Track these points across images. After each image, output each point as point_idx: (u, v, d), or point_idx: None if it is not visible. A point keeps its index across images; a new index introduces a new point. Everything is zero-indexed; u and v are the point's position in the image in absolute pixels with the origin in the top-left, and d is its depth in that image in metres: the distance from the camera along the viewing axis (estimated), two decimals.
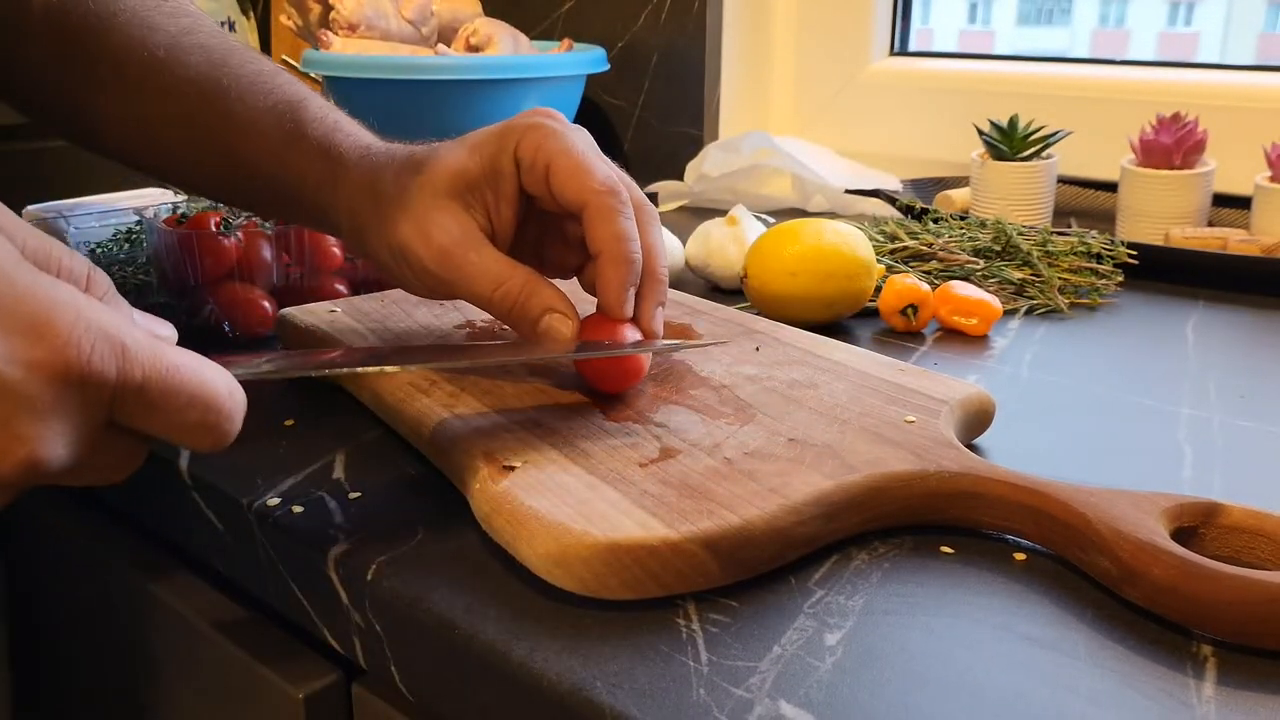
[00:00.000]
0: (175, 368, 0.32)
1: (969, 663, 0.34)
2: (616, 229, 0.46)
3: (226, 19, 1.23)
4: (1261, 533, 0.38)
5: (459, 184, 0.48)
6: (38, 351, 0.29)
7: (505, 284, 0.47)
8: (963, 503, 0.42)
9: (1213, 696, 0.33)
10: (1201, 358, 0.63)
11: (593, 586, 0.37)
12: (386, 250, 0.49)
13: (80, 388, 0.30)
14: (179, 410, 0.32)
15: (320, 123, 0.53)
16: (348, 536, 0.42)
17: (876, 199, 1.00)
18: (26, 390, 0.29)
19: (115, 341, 0.31)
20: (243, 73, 0.54)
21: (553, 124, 0.48)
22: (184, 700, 0.56)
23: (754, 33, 1.19)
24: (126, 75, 0.55)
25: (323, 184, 0.52)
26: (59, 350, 0.29)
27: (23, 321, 0.29)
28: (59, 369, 0.30)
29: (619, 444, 0.44)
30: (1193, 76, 1.02)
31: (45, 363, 0.29)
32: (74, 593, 0.64)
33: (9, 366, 0.29)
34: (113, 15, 0.55)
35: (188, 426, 0.33)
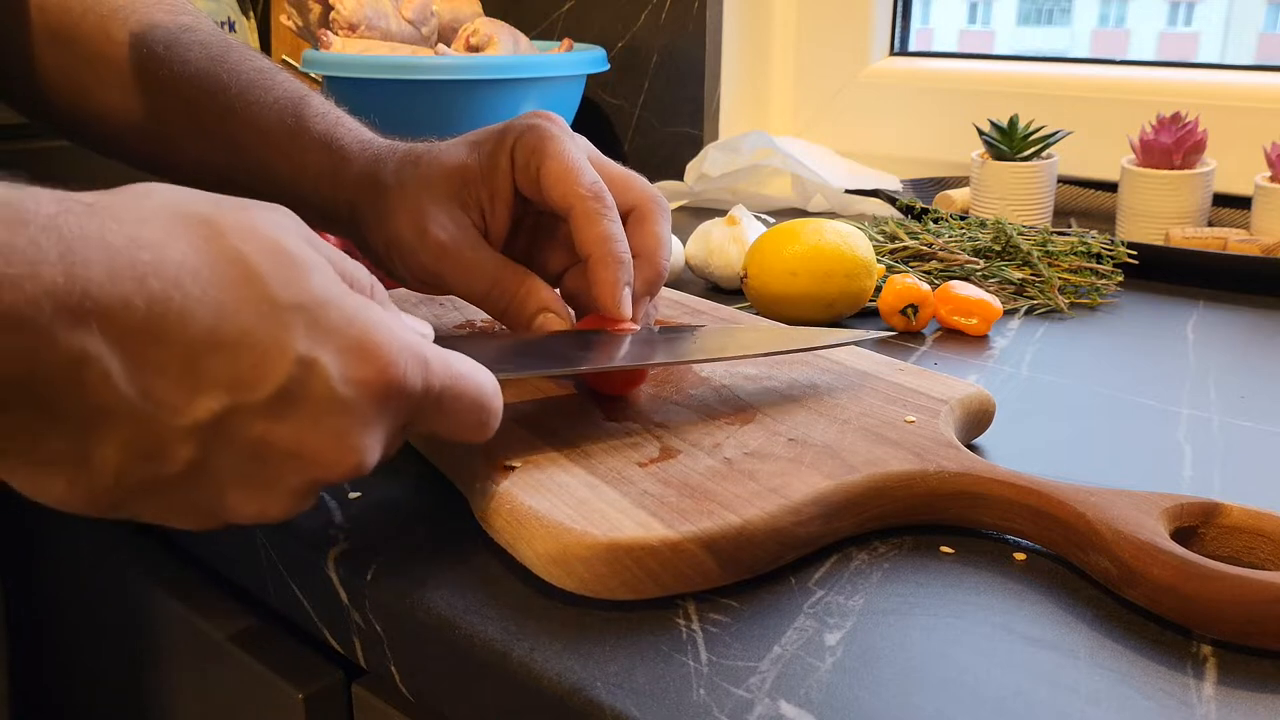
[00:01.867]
0: (461, 376, 0.35)
1: (969, 662, 0.34)
2: (601, 231, 0.47)
3: (226, 19, 1.23)
4: (1261, 533, 0.38)
5: (456, 181, 0.49)
6: (366, 372, 0.32)
7: (500, 282, 0.48)
8: (963, 503, 0.42)
9: (1213, 696, 0.33)
10: (1201, 358, 0.63)
11: (593, 586, 0.37)
12: (383, 243, 0.50)
13: (396, 400, 0.33)
14: (462, 412, 0.36)
15: (322, 118, 0.53)
16: (348, 536, 0.42)
17: (876, 199, 1.00)
18: (357, 407, 0.32)
19: (420, 357, 0.34)
20: (243, 69, 0.55)
21: (550, 126, 0.49)
22: (184, 700, 0.56)
23: (754, 33, 1.19)
24: (126, 72, 0.55)
25: (323, 176, 0.52)
26: (383, 370, 0.32)
27: (352, 345, 0.32)
28: (382, 387, 0.32)
29: (619, 444, 0.44)
30: (1193, 76, 1.02)
31: (372, 382, 0.32)
32: (73, 593, 0.64)
33: (345, 387, 0.32)
34: (111, 13, 0.55)
35: (466, 425, 0.36)
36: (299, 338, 0.31)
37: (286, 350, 0.31)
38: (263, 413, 0.31)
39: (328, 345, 0.31)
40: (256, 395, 0.30)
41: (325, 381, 0.31)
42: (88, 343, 0.28)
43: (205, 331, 0.30)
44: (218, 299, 0.30)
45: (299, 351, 0.31)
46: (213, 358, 0.30)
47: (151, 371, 0.29)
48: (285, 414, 0.31)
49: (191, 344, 0.29)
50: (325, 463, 0.32)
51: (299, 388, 0.31)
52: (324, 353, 0.31)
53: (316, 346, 0.31)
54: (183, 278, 0.29)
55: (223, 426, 0.30)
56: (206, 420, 0.30)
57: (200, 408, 0.30)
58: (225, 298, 0.30)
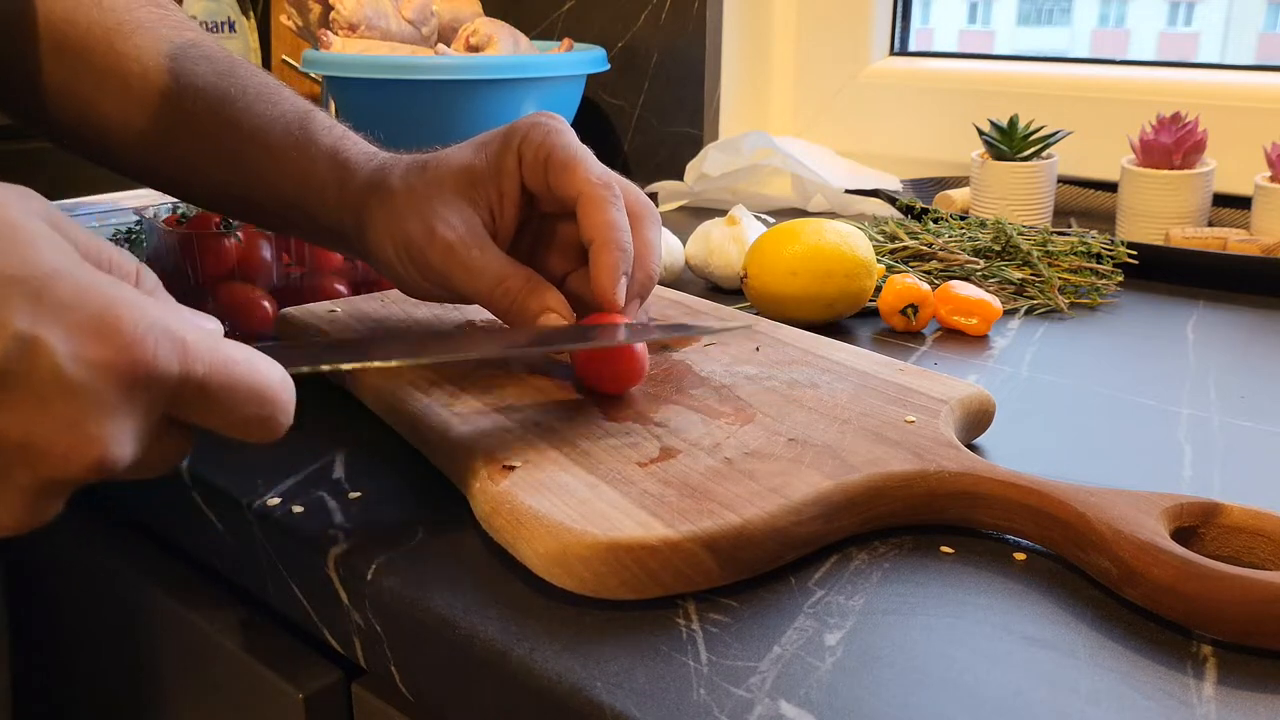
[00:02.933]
0: (234, 362, 0.32)
1: (969, 662, 0.34)
2: (608, 217, 0.48)
3: (226, 19, 1.23)
4: (1261, 533, 0.38)
5: (464, 181, 0.49)
6: (105, 351, 0.29)
7: (506, 281, 0.48)
8: (963, 502, 0.42)
9: (1213, 696, 0.33)
10: (1201, 357, 0.63)
11: (593, 586, 0.37)
12: (391, 247, 0.50)
13: (146, 386, 0.30)
14: (237, 405, 0.32)
15: (328, 131, 0.54)
16: (348, 536, 0.42)
17: (876, 199, 1.00)
18: (94, 391, 0.29)
19: (177, 338, 0.31)
20: (249, 83, 0.55)
21: (555, 123, 0.50)
22: (184, 700, 0.56)
23: (754, 33, 1.19)
24: (133, 86, 0.55)
25: (329, 186, 0.52)
26: (125, 349, 0.29)
27: (88, 321, 0.29)
28: (125, 368, 0.29)
29: (619, 444, 0.44)
30: (1193, 76, 1.02)
31: (112, 362, 0.29)
32: (74, 593, 0.64)
33: (76, 367, 0.29)
34: (118, 26, 0.55)
35: (244, 420, 0.33)
36: (18, 312, 0.28)
37: (3, 326, 0.28)
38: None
39: (55, 322, 0.29)
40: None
41: (51, 361, 0.28)
42: None
43: None
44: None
45: (16, 327, 0.28)
46: None
47: None
48: (5, 400, 0.28)
49: None
50: (56, 455, 0.29)
51: (18, 368, 0.28)
52: (50, 330, 0.29)
53: (41, 323, 0.28)
54: None
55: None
56: None
57: None
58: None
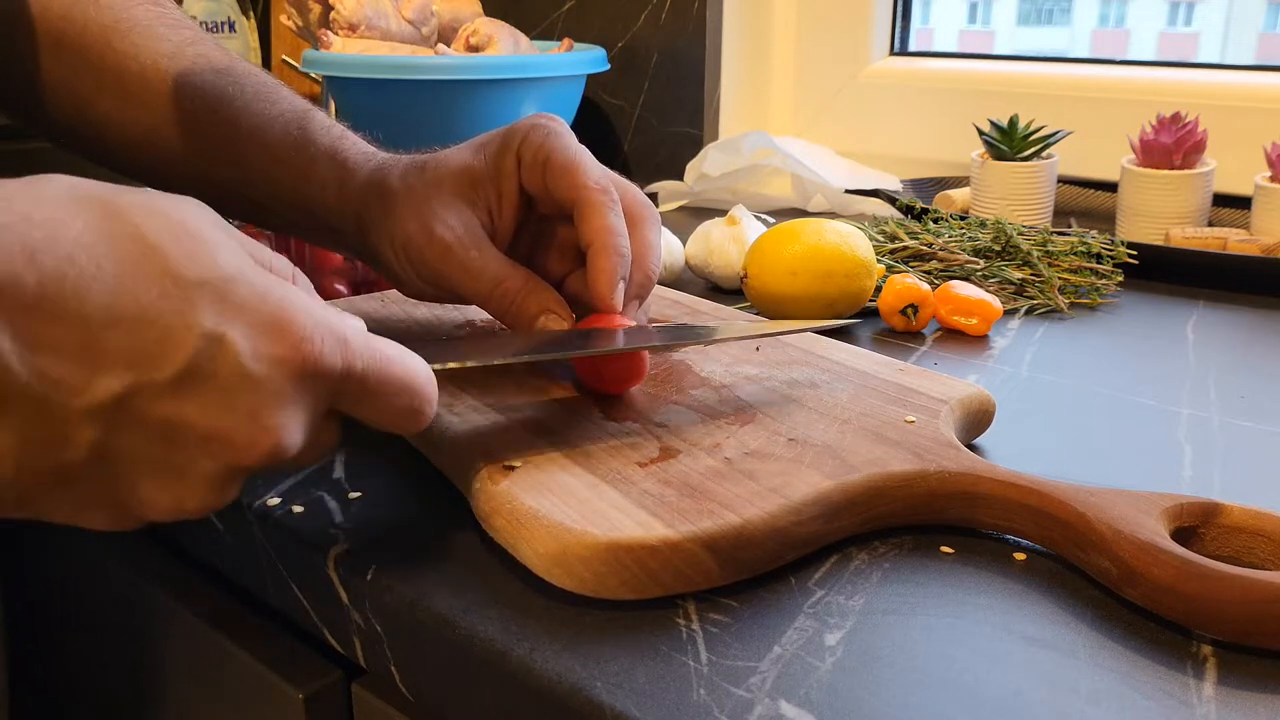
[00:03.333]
0: (388, 359, 0.35)
1: (969, 662, 0.34)
2: (606, 222, 0.48)
3: (226, 19, 1.23)
4: (1261, 533, 0.38)
5: (464, 181, 0.49)
6: (280, 348, 0.31)
7: (504, 282, 0.48)
8: (963, 502, 0.42)
9: (1213, 696, 0.33)
10: (1201, 357, 0.63)
11: (593, 586, 0.37)
12: (390, 247, 0.50)
13: (313, 380, 0.32)
14: (390, 397, 0.35)
15: (327, 131, 0.54)
16: (348, 536, 0.42)
17: (876, 199, 1.00)
18: (271, 384, 0.31)
19: (339, 336, 0.33)
20: (248, 83, 0.55)
21: (555, 125, 0.50)
22: (184, 700, 0.56)
23: (754, 33, 1.19)
24: (131, 84, 0.55)
25: (329, 187, 0.52)
26: (297, 346, 0.32)
27: (264, 320, 0.31)
28: (297, 364, 0.32)
29: (619, 444, 0.44)
30: (1193, 76, 1.02)
31: (286, 358, 0.32)
32: (74, 592, 0.64)
33: (256, 363, 0.31)
34: (115, 24, 0.55)
35: (395, 411, 0.36)
36: (205, 313, 0.30)
37: (192, 326, 0.30)
38: (169, 391, 0.30)
39: (237, 321, 0.31)
40: (161, 373, 0.30)
41: (235, 357, 0.31)
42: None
43: (102, 308, 0.29)
44: (114, 274, 0.29)
45: (205, 327, 0.30)
46: (111, 334, 0.29)
47: (46, 351, 0.28)
48: (193, 392, 0.30)
49: (88, 321, 0.29)
50: (240, 444, 0.31)
51: (207, 364, 0.30)
52: (233, 328, 0.31)
53: (225, 322, 0.31)
54: (77, 254, 0.29)
55: (126, 407, 0.30)
56: (108, 400, 0.29)
57: (100, 387, 0.29)
58: (123, 273, 0.29)
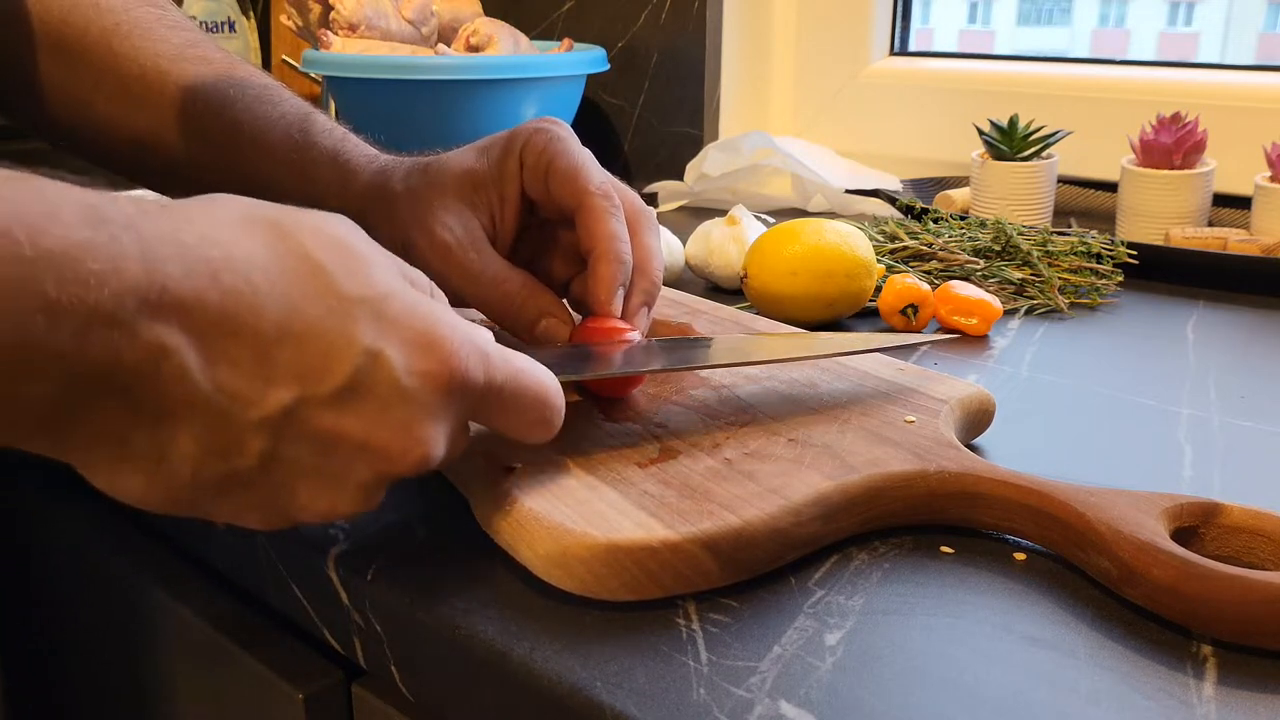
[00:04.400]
0: (522, 372, 0.36)
1: (969, 662, 0.34)
2: (608, 228, 0.48)
3: (226, 19, 1.23)
4: (1261, 533, 0.38)
5: (466, 184, 0.49)
6: (430, 363, 0.33)
7: (504, 285, 0.48)
8: (963, 503, 0.42)
9: (1213, 696, 0.33)
10: (1201, 357, 0.63)
11: (592, 587, 0.37)
12: (391, 248, 0.50)
13: (459, 393, 0.34)
14: (524, 409, 0.37)
15: (329, 134, 0.54)
16: (348, 536, 0.42)
17: (876, 199, 1.00)
18: (422, 397, 0.33)
19: (481, 351, 0.35)
20: (249, 85, 0.55)
21: (558, 129, 0.50)
22: (184, 700, 0.56)
23: (754, 33, 1.19)
24: (132, 86, 0.55)
25: (330, 189, 0.52)
26: (445, 361, 0.33)
27: (416, 337, 0.33)
28: (444, 378, 0.33)
29: (619, 444, 0.44)
30: (1193, 76, 1.02)
31: (435, 373, 0.33)
32: (73, 591, 0.64)
33: (409, 378, 0.33)
34: (115, 26, 0.55)
35: (528, 423, 0.37)
36: (365, 330, 0.32)
37: (353, 342, 0.32)
38: (331, 404, 0.32)
39: (392, 337, 0.32)
40: (325, 386, 0.31)
41: (390, 373, 0.32)
42: (166, 336, 0.29)
43: (274, 324, 0.31)
44: (285, 292, 0.31)
45: (365, 343, 0.32)
46: (282, 350, 0.31)
47: (225, 364, 0.30)
48: (353, 405, 0.32)
49: (262, 336, 0.30)
50: (392, 454, 0.33)
51: (366, 379, 0.32)
52: (389, 344, 0.32)
53: (381, 338, 0.32)
54: (252, 273, 0.30)
55: (293, 418, 0.31)
56: (277, 412, 0.31)
57: (271, 399, 0.31)
58: (293, 291, 0.31)
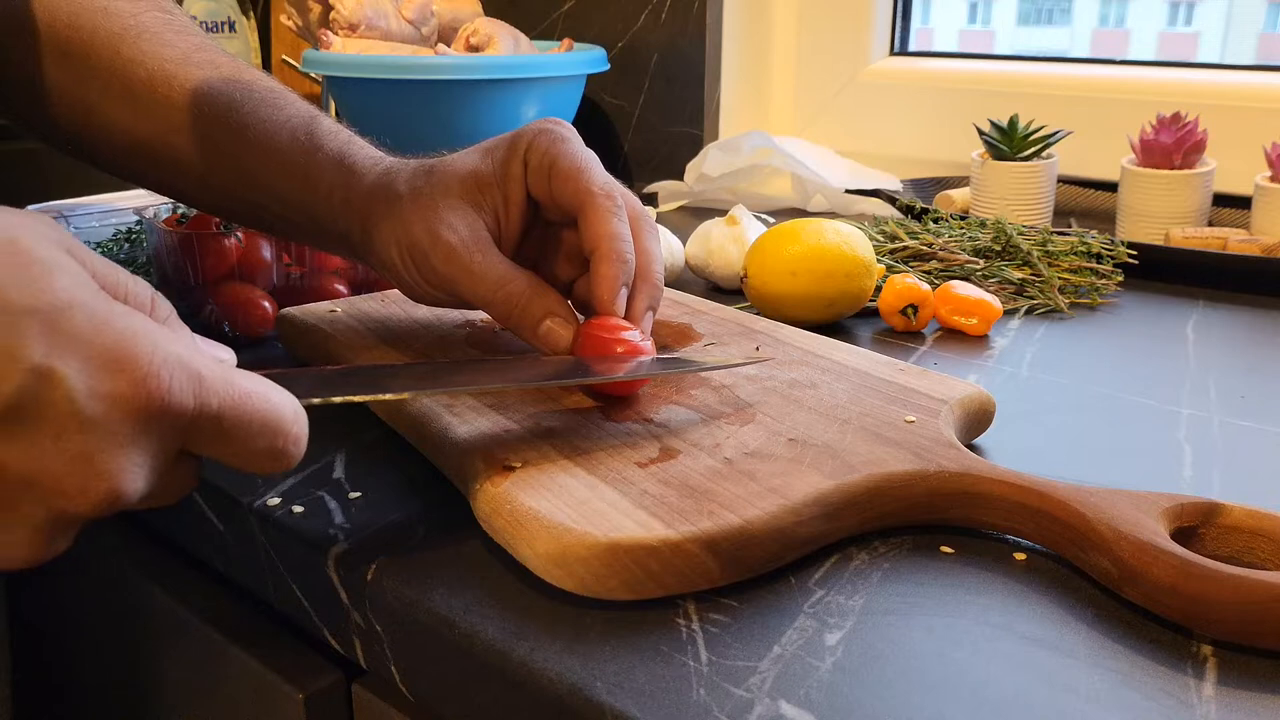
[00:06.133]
0: (247, 395, 0.32)
1: (969, 662, 0.34)
2: (610, 228, 0.48)
3: (226, 19, 1.23)
4: (1261, 533, 0.38)
5: (470, 185, 0.50)
6: (119, 384, 0.29)
7: (507, 286, 0.48)
8: (963, 502, 0.42)
9: (1213, 696, 0.33)
10: (1201, 357, 0.63)
11: (593, 587, 0.37)
12: (396, 251, 0.50)
13: (160, 419, 0.30)
14: (251, 438, 0.32)
15: (334, 136, 0.54)
16: (348, 536, 0.42)
17: (876, 199, 1.00)
18: (108, 425, 0.29)
19: (192, 371, 0.30)
20: (255, 88, 0.55)
21: (562, 130, 0.50)
22: (185, 700, 0.56)
23: (754, 33, 1.19)
24: (138, 90, 0.55)
25: (335, 191, 0.52)
26: (139, 383, 0.29)
27: (102, 354, 0.29)
28: (140, 402, 0.29)
29: (619, 444, 0.44)
30: (1193, 76, 1.02)
31: (126, 396, 0.29)
32: (74, 592, 0.64)
33: (91, 401, 0.28)
34: (122, 31, 0.55)
35: (257, 453, 0.33)
36: (34, 345, 0.27)
37: (18, 358, 0.27)
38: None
39: (72, 354, 0.28)
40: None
41: (67, 395, 0.28)
42: None
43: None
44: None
45: (34, 360, 0.27)
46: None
47: None
48: (17, 433, 0.28)
49: None
50: (68, 491, 0.28)
51: (33, 402, 0.27)
52: (66, 362, 0.28)
53: (56, 355, 0.28)
54: None
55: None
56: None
57: None
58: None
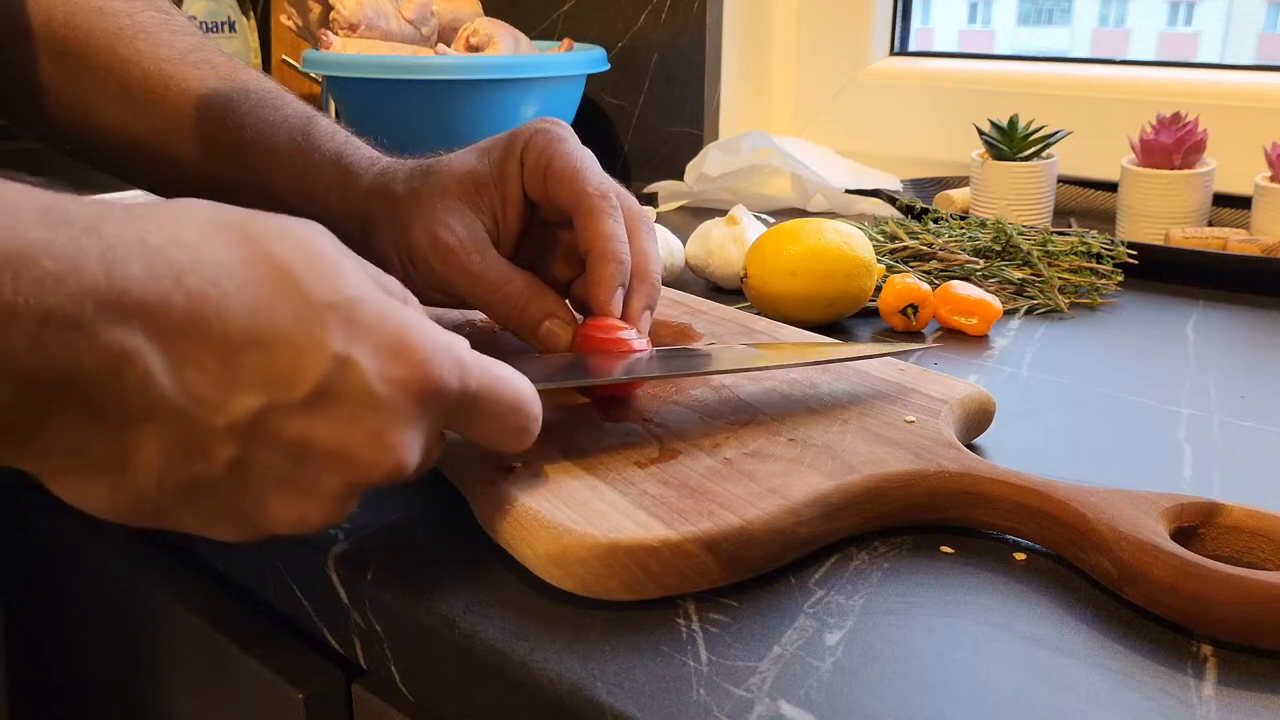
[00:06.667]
0: (499, 379, 0.36)
1: (969, 663, 0.34)
2: (605, 228, 0.48)
3: (226, 19, 1.23)
4: (1261, 533, 0.38)
5: (468, 185, 0.50)
6: (402, 370, 0.32)
7: (506, 287, 0.48)
8: (963, 502, 0.42)
9: (1213, 696, 0.33)
10: (1201, 358, 0.63)
11: (593, 587, 0.37)
12: (394, 252, 0.50)
13: (432, 400, 0.33)
14: (500, 417, 0.36)
15: (331, 137, 0.54)
16: (348, 536, 0.42)
17: (876, 199, 1.00)
18: (394, 405, 0.32)
19: (457, 357, 0.34)
20: (252, 88, 0.55)
21: (558, 130, 0.50)
22: (184, 700, 0.56)
23: (754, 33, 1.19)
24: (135, 90, 0.55)
25: (333, 192, 0.52)
26: (417, 368, 0.32)
27: (387, 343, 0.32)
28: (417, 385, 0.33)
29: (619, 444, 0.44)
30: (1193, 76, 1.02)
31: (407, 380, 0.32)
32: (74, 592, 0.64)
33: (380, 385, 0.32)
34: (119, 31, 0.55)
35: (505, 431, 0.37)
36: (335, 336, 0.31)
37: (323, 348, 0.31)
38: (301, 411, 0.31)
39: (364, 343, 0.32)
40: (294, 393, 0.31)
41: (361, 379, 0.31)
42: (128, 340, 0.28)
43: (242, 329, 0.30)
44: (253, 297, 0.30)
45: (335, 349, 0.31)
46: (250, 355, 0.30)
47: (191, 369, 0.29)
48: (323, 412, 0.31)
49: (229, 341, 0.30)
50: (364, 463, 0.32)
51: (336, 385, 0.31)
52: (360, 351, 0.32)
53: (352, 344, 0.32)
54: (219, 276, 0.30)
55: (261, 425, 0.31)
56: (245, 419, 0.30)
57: (239, 406, 0.30)
58: (260, 295, 0.31)
